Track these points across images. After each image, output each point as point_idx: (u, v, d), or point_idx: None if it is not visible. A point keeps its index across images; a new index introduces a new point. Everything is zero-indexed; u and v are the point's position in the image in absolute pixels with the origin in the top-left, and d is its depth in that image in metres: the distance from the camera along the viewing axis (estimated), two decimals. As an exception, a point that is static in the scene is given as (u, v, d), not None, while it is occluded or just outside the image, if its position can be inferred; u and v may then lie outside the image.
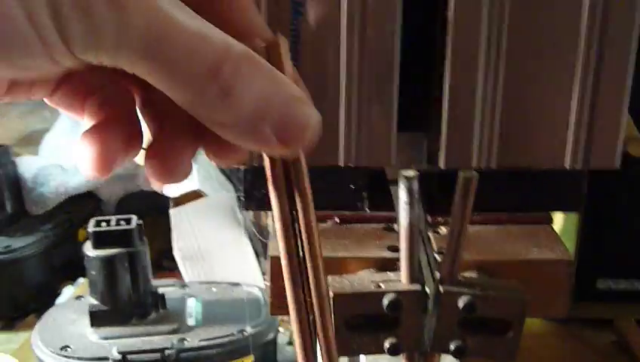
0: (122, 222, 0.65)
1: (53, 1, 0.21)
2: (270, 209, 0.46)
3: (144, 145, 0.29)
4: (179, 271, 0.82)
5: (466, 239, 0.39)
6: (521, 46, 0.43)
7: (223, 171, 0.88)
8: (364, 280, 0.41)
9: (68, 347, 0.64)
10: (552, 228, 0.48)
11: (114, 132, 0.27)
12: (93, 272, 0.65)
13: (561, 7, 0.42)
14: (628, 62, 0.43)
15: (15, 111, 1.11)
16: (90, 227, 0.64)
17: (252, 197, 0.48)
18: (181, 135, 0.29)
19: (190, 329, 0.66)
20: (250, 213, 0.66)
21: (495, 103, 0.45)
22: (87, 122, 0.28)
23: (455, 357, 0.41)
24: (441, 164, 0.46)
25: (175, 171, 0.29)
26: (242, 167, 0.47)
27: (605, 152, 0.45)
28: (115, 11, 0.22)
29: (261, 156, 0.44)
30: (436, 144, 0.47)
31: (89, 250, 0.65)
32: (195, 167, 0.86)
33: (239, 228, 0.81)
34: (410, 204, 0.39)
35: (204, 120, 0.25)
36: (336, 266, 0.44)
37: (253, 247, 0.81)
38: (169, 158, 0.29)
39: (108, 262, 0.64)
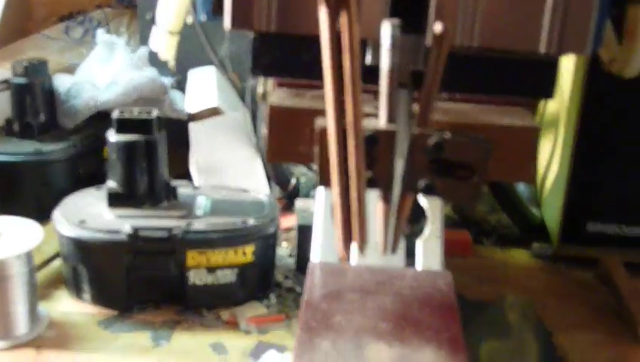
0: (144, 113, 0.71)
1: None
2: (276, 74, 0.52)
3: None
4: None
5: (439, 85, 0.44)
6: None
7: (237, 93, 0.94)
8: (348, 120, 0.46)
9: (85, 221, 0.69)
10: (528, 111, 0.53)
11: None
12: (114, 156, 0.71)
13: None
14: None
15: (55, 46, 1.18)
16: (114, 114, 0.71)
17: (259, 63, 0.53)
18: None
19: (197, 217, 0.71)
20: (258, 99, 0.71)
21: (480, -12, 0.50)
22: None
23: (424, 193, 0.46)
24: (428, 41, 0.51)
25: None
26: (252, 36, 0.53)
27: (577, 38, 0.50)
28: None
29: (267, 21, 0.50)
30: (425, 26, 0.52)
31: (111, 135, 0.71)
32: (215, 87, 0.92)
33: (253, 147, 0.87)
34: (392, 49, 0.44)
35: None
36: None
37: (264, 167, 0.87)
38: None
39: (127, 147, 0.70)
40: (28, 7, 1.26)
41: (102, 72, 0.98)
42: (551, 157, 0.89)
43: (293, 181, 0.90)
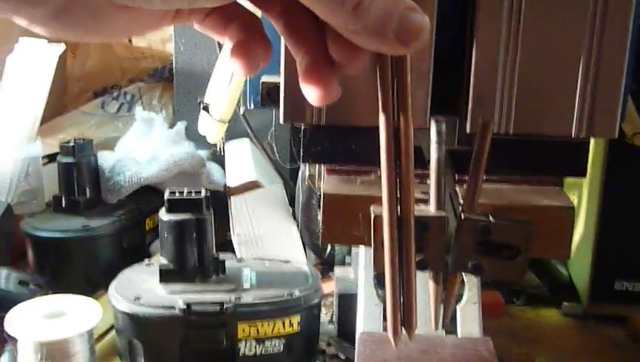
0: (193, 193, 0.75)
1: None
2: (325, 162, 0.56)
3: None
4: (234, 259, 0.91)
5: (483, 175, 0.48)
6: (535, 34, 0.53)
7: (275, 167, 0.99)
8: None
9: (140, 297, 0.73)
10: (560, 188, 0.57)
11: (254, 45, 0.38)
12: (165, 234, 0.75)
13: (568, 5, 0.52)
14: (625, 46, 0.53)
15: (92, 121, 1.24)
16: (166, 195, 0.75)
17: (310, 153, 0.58)
18: (325, 57, 0.37)
19: (245, 290, 0.75)
20: (306, 181, 0.75)
21: (513, 80, 0.54)
22: (227, 43, 0.39)
23: (472, 274, 0.49)
24: (468, 129, 0.55)
25: (331, 88, 0.38)
26: (303, 126, 0.57)
27: (605, 124, 0.54)
28: None
29: (318, 115, 0.55)
30: (465, 116, 0.56)
31: (163, 214, 0.75)
32: (252, 160, 0.97)
33: (290, 218, 0.91)
34: (439, 142, 0.48)
35: (342, 29, 0.34)
36: (378, 203, 0.53)
37: (301, 237, 0.91)
38: (324, 78, 0.37)
39: (178, 226, 0.74)
40: (64, 83, 1.32)
41: (142, 147, 1.02)
42: (576, 216, 0.93)
43: (329, 248, 0.94)
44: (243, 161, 0.97)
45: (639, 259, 0.87)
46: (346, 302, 0.80)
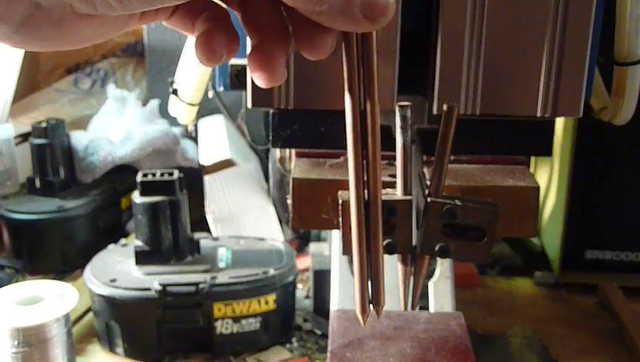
0: (166, 175, 0.75)
1: None
2: (294, 146, 0.56)
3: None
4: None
5: (449, 159, 0.49)
6: (500, 14, 0.53)
7: (249, 145, 0.99)
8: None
9: (115, 279, 0.74)
10: (527, 168, 0.58)
11: (218, 35, 0.37)
12: (140, 217, 0.75)
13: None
14: (588, 27, 0.53)
15: (66, 99, 1.22)
16: (139, 177, 0.75)
17: (278, 137, 0.58)
18: (275, 41, 0.37)
19: (221, 270, 0.76)
20: (277, 163, 0.76)
21: (479, 61, 0.55)
22: (196, 34, 0.38)
23: (440, 256, 0.50)
24: (434, 110, 0.55)
25: (276, 72, 0.37)
26: (271, 110, 0.57)
27: (569, 103, 0.55)
28: None
29: (286, 99, 0.55)
30: (431, 97, 0.57)
31: (137, 197, 0.75)
32: (226, 138, 0.97)
33: (265, 195, 0.91)
34: (404, 128, 0.49)
35: (308, 12, 0.34)
36: (346, 188, 0.54)
37: (277, 213, 0.91)
38: (269, 61, 0.37)
39: (152, 208, 0.75)
40: (36, 61, 1.30)
41: (115, 126, 1.02)
42: (547, 188, 0.94)
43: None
44: (217, 139, 0.97)
45: (609, 228, 0.88)
46: (322, 279, 0.81)
